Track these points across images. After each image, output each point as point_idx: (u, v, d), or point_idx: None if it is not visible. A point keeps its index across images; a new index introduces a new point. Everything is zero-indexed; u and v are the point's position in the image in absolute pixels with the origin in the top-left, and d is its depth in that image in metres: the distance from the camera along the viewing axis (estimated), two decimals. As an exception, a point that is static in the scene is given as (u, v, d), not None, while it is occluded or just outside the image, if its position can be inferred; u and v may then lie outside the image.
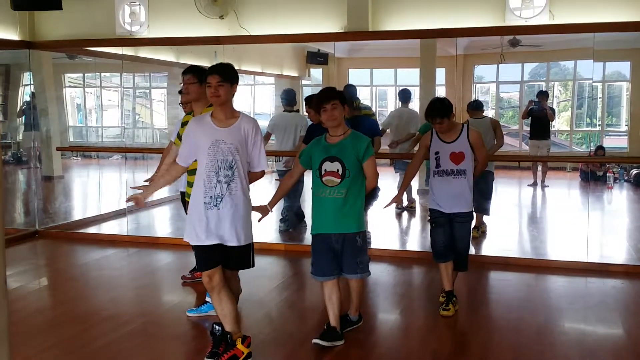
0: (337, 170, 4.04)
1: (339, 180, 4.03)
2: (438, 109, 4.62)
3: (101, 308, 5.07)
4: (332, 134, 4.13)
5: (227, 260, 3.83)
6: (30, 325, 4.64)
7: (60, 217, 8.68)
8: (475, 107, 7.43)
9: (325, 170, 4.07)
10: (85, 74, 12.82)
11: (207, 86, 3.72)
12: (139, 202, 4.00)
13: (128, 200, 4.11)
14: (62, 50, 8.77)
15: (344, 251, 4.12)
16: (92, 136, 13.06)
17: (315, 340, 4.11)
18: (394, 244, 7.30)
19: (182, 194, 5.17)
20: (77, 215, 9.21)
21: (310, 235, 4.25)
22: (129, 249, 6.71)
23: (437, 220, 4.79)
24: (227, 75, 3.71)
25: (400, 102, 8.73)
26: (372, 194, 5.27)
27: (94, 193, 10.36)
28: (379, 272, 5.94)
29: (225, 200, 3.70)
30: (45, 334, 4.45)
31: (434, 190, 4.78)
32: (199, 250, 3.80)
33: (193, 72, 4.61)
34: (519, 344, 4.25)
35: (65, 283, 5.88)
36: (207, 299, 4.75)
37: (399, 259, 6.46)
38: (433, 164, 4.75)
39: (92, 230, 8.06)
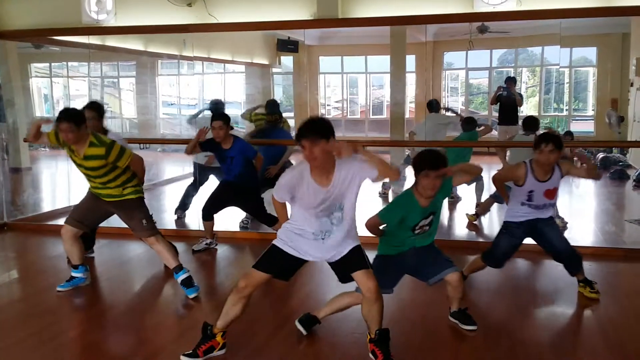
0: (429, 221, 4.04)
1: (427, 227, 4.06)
2: (559, 142, 4.53)
3: (72, 300, 5.03)
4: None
5: (344, 267, 3.67)
6: (0, 319, 4.60)
7: (29, 209, 8.54)
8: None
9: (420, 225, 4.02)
10: (52, 64, 12.63)
11: (302, 147, 3.30)
12: None
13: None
14: (28, 39, 8.63)
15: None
16: (60, 127, 12.86)
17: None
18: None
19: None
20: (46, 207, 9.08)
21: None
22: (100, 240, 6.63)
23: (511, 231, 4.81)
24: (321, 134, 3.27)
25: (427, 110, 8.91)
26: None
27: (63, 184, 10.23)
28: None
29: (334, 232, 3.57)
30: (16, 326, 4.41)
31: (519, 211, 4.78)
32: (278, 254, 3.67)
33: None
34: (489, 327, 4.31)
35: (35, 276, 5.81)
36: (75, 273, 5.10)
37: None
38: (523, 197, 4.70)
39: (62, 222, 7.89)
